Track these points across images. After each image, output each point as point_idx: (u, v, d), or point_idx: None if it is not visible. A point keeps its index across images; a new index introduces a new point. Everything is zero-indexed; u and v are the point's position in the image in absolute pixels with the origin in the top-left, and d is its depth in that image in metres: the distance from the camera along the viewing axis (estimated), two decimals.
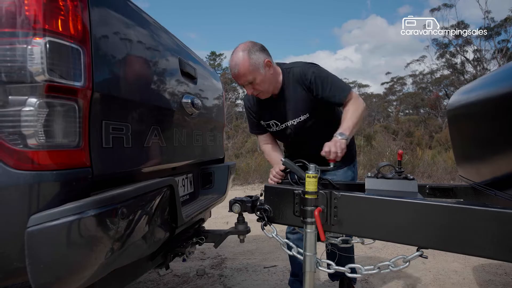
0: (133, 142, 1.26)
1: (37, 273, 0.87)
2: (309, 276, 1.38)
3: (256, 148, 14.11)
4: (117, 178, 1.19)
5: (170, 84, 1.62)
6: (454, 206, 1.16)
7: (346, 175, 2.05)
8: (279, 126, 1.97)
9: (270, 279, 2.80)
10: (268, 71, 1.75)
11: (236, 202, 1.62)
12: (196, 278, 2.86)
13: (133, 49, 1.29)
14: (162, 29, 1.62)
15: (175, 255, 1.68)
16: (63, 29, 0.93)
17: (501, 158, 1.48)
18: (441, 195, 1.85)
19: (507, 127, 1.36)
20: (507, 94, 1.33)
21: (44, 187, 0.90)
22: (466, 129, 1.95)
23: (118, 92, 1.17)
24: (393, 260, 1.31)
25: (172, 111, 1.64)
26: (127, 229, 1.04)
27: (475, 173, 1.87)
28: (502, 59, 20.85)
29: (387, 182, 1.57)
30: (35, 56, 0.88)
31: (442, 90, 25.28)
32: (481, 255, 1.15)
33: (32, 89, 0.88)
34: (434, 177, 7.58)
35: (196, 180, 2.15)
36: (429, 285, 2.60)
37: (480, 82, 1.76)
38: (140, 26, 1.36)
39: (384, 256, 3.28)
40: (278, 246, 3.49)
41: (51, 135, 0.91)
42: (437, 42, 23.98)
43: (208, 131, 2.25)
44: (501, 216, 1.08)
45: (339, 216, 1.34)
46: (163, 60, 1.56)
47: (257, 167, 9.07)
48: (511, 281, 2.64)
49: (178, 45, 1.79)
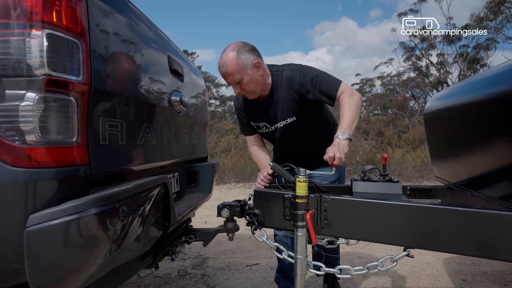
0: (127, 139, 1.23)
1: (37, 274, 0.84)
2: (300, 278, 1.41)
3: (230, 148, 14.08)
4: (113, 176, 1.17)
5: (160, 81, 1.60)
6: (439, 207, 1.24)
7: (337, 171, 2.10)
8: (268, 128, 1.99)
9: (253, 277, 2.82)
10: (256, 72, 1.76)
11: (224, 207, 1.62)
12: (178, 279, 2.82)
13: (128, 45, 1.26)
14: (153, 25, 1.60)
15: (165, 254, 1.66)
16: (62, 22, 0.90)
17: (477, 161, 1.59)
18: (421, 195, 1.93)
19: (482, 131, 1.47)
20: (484, 101, 1.43)
21: (43, 185, 0.87)
22: (443, 133, 2.06)
23: (113, 88, 1.14)
24: (381, 260, 1.36)
25: (162, 109, 1.61)
26: (127, 227, 1.02)
27: (451, 174, 1.98)
28: (462, 63, 22.13)
29: (373, 185, 1.63)
30: (34, 49, 0.84)
31: (409, 91, 26.42)
32: (464, 253, 1.23)
33: (31, 83, 0.84)
34: (404, 175, 7.92)
35: (182, 179, 2.13)
36: (405, 277, 2.73)
37: (456, 89, 1.88)
38: (134, 22, 1.34)
39: (362, 251, 3.39)
40: (259, 244, 3.51)
41: (50, 131, 0.88)
42: (404, 46, 25.06)
43: (193, 129, 2.23)
44: (480, 216, 1.17)
45: (329, 219, 1.38)
46: (155, 57, 1.54)
47: (232, 167, 9.06)
48: (478, 271, 2.82)
49: (166, 42, 1.77)
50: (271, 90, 1.88)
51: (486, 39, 21.16)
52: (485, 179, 1.54)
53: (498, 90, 1.32)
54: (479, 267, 2.89)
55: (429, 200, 1.93)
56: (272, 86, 1.88)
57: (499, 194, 1.40)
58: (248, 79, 1.73)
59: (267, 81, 1.86)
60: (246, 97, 1.87)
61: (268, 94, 1.89)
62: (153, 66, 1.51)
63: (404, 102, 25.88)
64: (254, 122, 2.02)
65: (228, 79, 1.74)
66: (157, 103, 1.54)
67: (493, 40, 21.04)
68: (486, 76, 1.51)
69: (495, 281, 2.64)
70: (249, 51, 1.74)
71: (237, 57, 1.69)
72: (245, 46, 1.74)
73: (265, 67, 1.85)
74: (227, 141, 15.94)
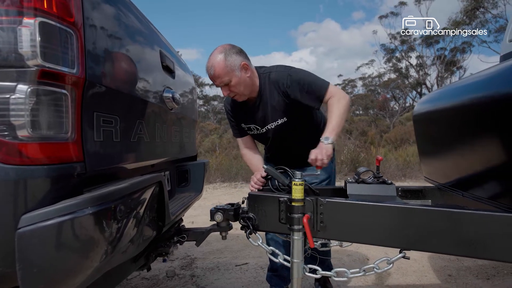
0: (121, 136, 1.18)
1: (29, 279, 0.78)
2: (297, 282, 1.39)
3: (215, 147, 13.99)
4: (106, 174, 1.11)
5: (153, 77, 1.55)
6: (434, 209, 1.25)
7: (325, 170, 2.10)
8: (259, 130, 1.98)
9: (243, 276, 2.80)
10: (244, 73, 1.75)
11: (218, 211, 1.60)
12: (166, 280, 2.76)
13: (123, 37, 1.21)
14: (145, 18, 1.55)
15: (157, 255, 1.61)
16: (56, 10, 0.84)
17: (466, 162, 1.61)
18: (412, 196, 1.94)
19: (471, 133, 1.50)
20: (473, 103, 1.46)
21: (35, 184, 0.81)
22: (432, 134, 2.08)
23: (107, 82, 1.09)
24: (377, 262, 1.36)
25: (154, 105, 1.57)
26: (124, 228, 0.97)
27: (440, 175, 2.01)
28: (440, 65, 22.82)
29: (368, 187, 1.64)
30: (26, 38, 0.79)
31: (390, 92, 27.03)
32: (458, 254, 1.24)
33: (23, 75, 0.79)
34: (387, 174, 8.06)
35: (172, 178, 2.08)
36: (393, 274, 2.76)
37: (445, 91, 1.91)
38: (128, 14, 1.29)
39: (350, 249, 3.42)
40: (248, 244, 3.48)
41: (43, 126, 0.83)
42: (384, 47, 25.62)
43: (184, 127, 2.19)
44: (474, 217, 1.19)
45: (325, 222, 1.37)
46: (148, 52, 1.49)
47: (218, 166, 8.99)
48: (462, 265, 2.90)
49: (158, 36, 1.72)
50: (259, 92, 1.87)
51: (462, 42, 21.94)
52: (474, 180, 1.57)
53: (487, 93, 1.35)
54: (463, 262, 2.97)
55: (420, 201, 1.95)
56: (260, 88, 1.87)
57: (488, 194, 1.43)
58: (236, 81, 1.72)
59: (255, 82, 1.85)
60: (235, 99, 1.85)
61: (256, 96, 1.88)
62: (147, 61, 1.46)
63: (385, 102, 26.46)
64: (245, 124, 2.01)
65: (217, 81, 1.73)
66: (149, 100, 1.49)
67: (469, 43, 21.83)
68: (476, 80, 1.54)
69: (478, 275, 2.72)
70: (237, 53, 1.73)
71: (225, 59, 1.68)
72: (233, 48, 1.73)
73: (253, 69, 1.84)
74: (211, 141, 15.84)
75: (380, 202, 1.33)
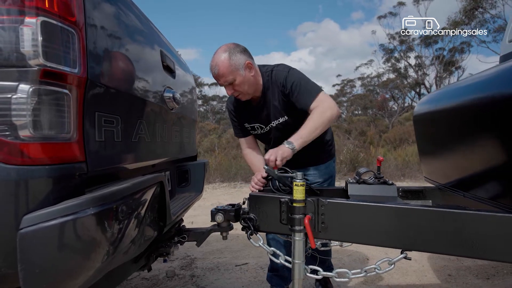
0: (122, 136, 1.18)
1: (31, 279, 0.78)
2: (298, 283, 1.39)
3: (214, 147, 13.98)
4: (107, 174, 1.11)
5: (154, 77, 1.54)
6: (436, 210, 1.25)
7: (327, 170, 2.11)
8: (263, 129, 1.98)
9: (243, 276, 2.79)
10: (248, 73, 1.75)
11: (218, 212, 1.59)
12: (166, 280, 2.76)
13: (124, 37, 1.21)
14: (146, 18, 1.55)
15: (158, 255, 1.61)
16: (58, 9, 0.84)
17: (467, 163, 1.61)
18: (412, 197, 1.94)
19: (471, 133, 1.50)
20: (473, 103, 1.46)
21: (37, 184, 0.81)
22: (432, 135, 2.08)
23: (109, 82, 1.09)
24: (379, 263, 1.36)
25: (155, 105, 1.56)
26: (125, 228, 0.97)
27: (441, 175, 2.01)
28: (439, 65, 22.87)
29: (369, 188, 1.63)
30: (28, 38, 0.78)
31: (388, 92, 27.06)
32: (460, 254, 1.24)
33: (25, 74, 0.78)
34: (387, 174, 8.07)
35: (173, 178, 2.08)
36: (393, 274, 2.76)
37: (445, 92, 1.91)
38: (130, 14, 1.29)
39: (350, 249, 3.42)
40: (248, 244, 3.48)
41: (45, 126, 0.82)
42: (383, 48, 25.66)
43: (184, 127, 2.18)
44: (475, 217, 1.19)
45: (327, 223, 1.37)
46: (149, 52, 1.49)
47: (217, 166, 8.99)
48: (462, 265, 2.90)
49: (159, 35, 1.72)
50: (262, 91, 1.88)
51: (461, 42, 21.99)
52: (474, 180, 1.57)
53: (487, 94, 1.35)
54: (463, 262, 2.97)
55: (421, 201, 1.95)
56: (263, 86, 1.87)
57: (489, 194, 1.43)
58: (240, 80, 1.72)
59: (259, 81, 1.85)
60: (239, 98, 1.85)
61: (260, 95, 1.88)
62: (147, 61, 1.46)
63: (384, 102, 26.50)
64: (249, 123, 2.00)
65: (221, 80, 1.72)
66: (150, 99, 1.48)
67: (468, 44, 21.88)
68: (476, 80, 1.54)
69: (478, 275, 2.72)
70: (241, 52, 1.73)
71: (229, 58, 1.67)
72: (237, 47, 1.73)
73: (257, 68, 1.84)
74: (210, 141, 15.84)
75: (381, 203, 1.33)
